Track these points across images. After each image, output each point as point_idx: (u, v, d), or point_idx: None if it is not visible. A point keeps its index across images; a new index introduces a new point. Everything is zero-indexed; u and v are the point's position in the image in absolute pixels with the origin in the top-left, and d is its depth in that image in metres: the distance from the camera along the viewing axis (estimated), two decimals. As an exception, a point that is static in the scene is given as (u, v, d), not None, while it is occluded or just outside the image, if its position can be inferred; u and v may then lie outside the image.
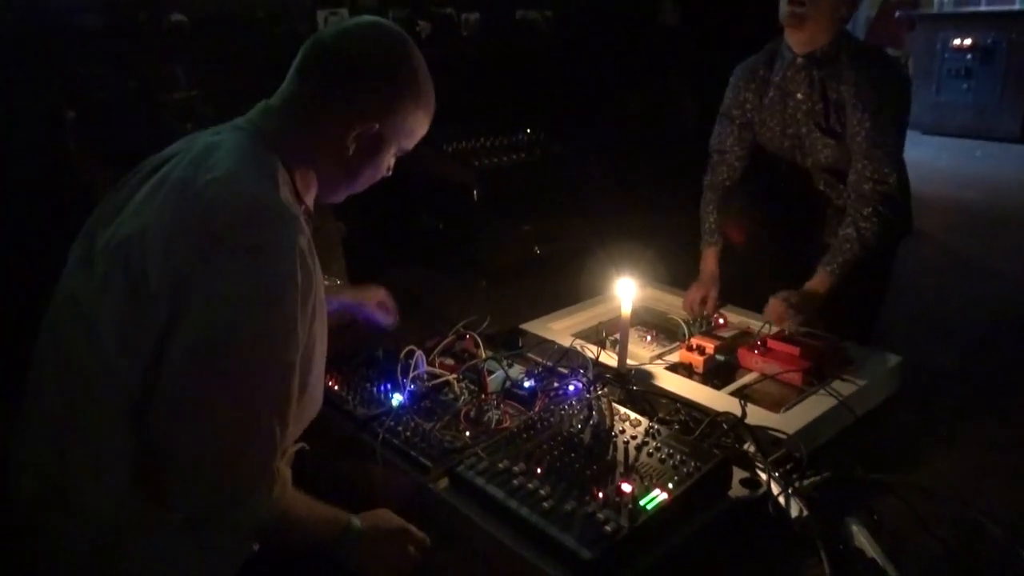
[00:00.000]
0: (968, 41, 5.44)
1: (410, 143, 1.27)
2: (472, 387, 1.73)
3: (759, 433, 1.56)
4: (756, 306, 2.24)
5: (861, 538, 1.38)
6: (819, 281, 2.13)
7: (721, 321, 2.21)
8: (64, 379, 1.07)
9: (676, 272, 2.55)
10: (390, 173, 1.30)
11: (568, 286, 2.58)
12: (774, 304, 2.14)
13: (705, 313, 2.25)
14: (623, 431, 1.46)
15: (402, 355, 1.75)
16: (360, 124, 1.17)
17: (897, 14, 6.15)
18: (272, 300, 1.01)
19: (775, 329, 2.05)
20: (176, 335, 0.99)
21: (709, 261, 2.36)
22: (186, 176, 1.06)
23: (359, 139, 1.18)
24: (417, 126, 1.25)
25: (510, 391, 1.70)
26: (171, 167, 1.10)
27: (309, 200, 1.21)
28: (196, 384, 0.98)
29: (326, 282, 1.40)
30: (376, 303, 1.81)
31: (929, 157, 4.74)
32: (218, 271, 0.98)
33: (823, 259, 2.14)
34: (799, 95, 2.18)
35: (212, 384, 0.99)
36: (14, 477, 1.10)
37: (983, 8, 5.88)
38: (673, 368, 1.94)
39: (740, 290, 2.29)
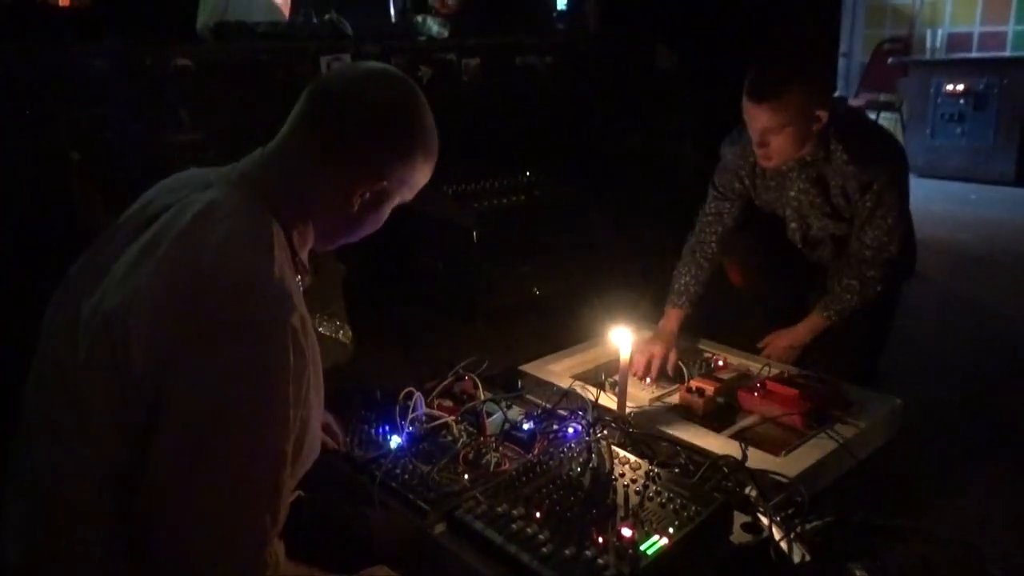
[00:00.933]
0: (961, 86, 5.53)
1: (413, 194, 1.22)
2: (471, 429, 1.72)
3: (760, 477, 1.55)
4: (756, 349, 2.24)
5: (865, 584, 1.36)
6: (812, 324, 2.14)
7: (720, 363, 2.21)
8: (51, 449, 1.03)
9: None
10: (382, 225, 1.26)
11: (567, 327, 2.58)
12: (774, 343, 2.16)
13: (650, 379, 2.12)
14: (623, 474, 1.45)
15: (400, 397, 1.74)
16: (367, 179, 1.13)
17: (890, 60, 6.26)
18: (262, 384, 0.96)
19: (775, 371, 2.05)
20: (163, 419, 0.94)
21: (671, 321, 2.26)
22: (177, 245, 1.01)
23: (364, 195, 1.14)
24: (422, 178, 1.21)
25: (509, 433, 1.69)
26: (161, 228, 1.04)
27: (304, 253, 1.17)
28: (183, 473, 0.94)
29: None
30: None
31: (924, 200, 4.78)
32: (204, 353, 0.94)
33: (821, 301, 2.15)
34: (792, 192, 2.19)
35: (200, 473, 0.94)
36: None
37: (975, 55, 5.99)
38: (673, 410, 1.93)
39: (740, 333, 2.30)
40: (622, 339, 1.84)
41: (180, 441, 0.94)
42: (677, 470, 1.59)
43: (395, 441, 1.65)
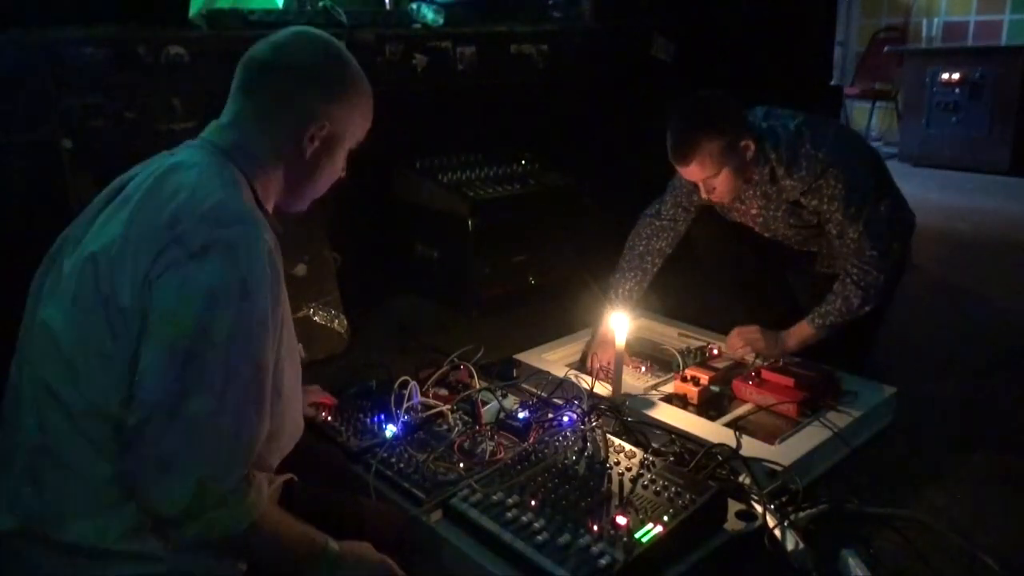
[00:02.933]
0: (956, 76, 5.53)
1: (360, 134, 1.31)
2: (466, 418, 1.72)
3: (754, 465, 1.56)
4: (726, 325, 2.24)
5: (858, 571, 1.37)
6: (799, 330, 2.09)
7: (715, 352, 2.21)
8: (42, 411, 1.06)
9: (670, 302, 2.56)
10: (344, 174, 1.33)
11: (563, 316, 2.59)
12: (734, 336, 2.14)
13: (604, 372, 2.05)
14: (618, 463, 1.46)
15: (396, 386, 1.75)
16: (311, 126, 1.21)
17: (886, 49, 6.25)
18: (243, 295, 1.01)
19: (770, 360, 2.06)
20: (150, 338, 0.99)
21: (606, 327, 2.17)
22: (150, 191, 1.08)
23: (312, 140, 1.22)
24: (363, 118, 1.29)
25: (504, 422, 1.69)
26: (133, 188, 1.12)
27: (270, 206, 1.24)
28: (171, 383, 0.98)
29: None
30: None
31: (920, 189, 4.79)
32: (186, 271, 1.00)
33: (813, 310, 2.09)
34: (754, 211, 2.19)
35: (187, 382, 0.98)
36: None
37: (970, 44, 5.98)
38: (667, 399, 1.94)
39: (731, 320, 2.30)
40: (619, 323, 1.84)
41: (165, 353, 0.99)
42: (672, 458, 1.59)
43: (390, 430, 1.65)
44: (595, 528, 1.25)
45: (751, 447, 1.63)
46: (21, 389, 1.10)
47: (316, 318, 2.50)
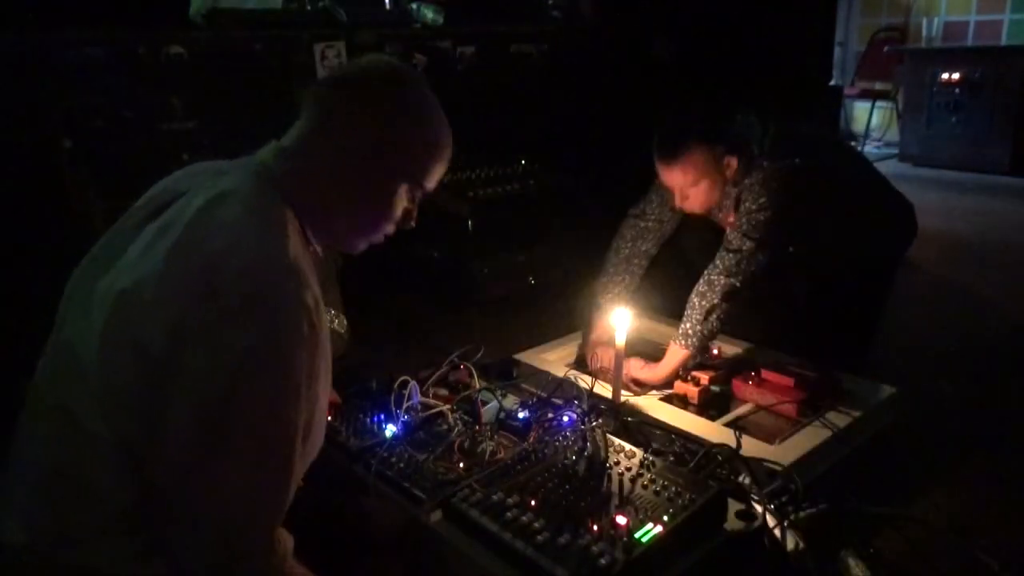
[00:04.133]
0: (956, 75, 5.53)
1: (425, 180, 1.23)
2: (466, 418, 1.72)
3: (754, 465, 1.56)
4: (748, 336, 2.25)
5: (857, 572, 1.37)
6: (674, 357, 2.03)
7: (715, 352, 2.21)
8: (64, 433, 1.05)
9: (670, 302, 2.56)
10: (413, 223, 1.27)
11: (562, 316, 2.59)
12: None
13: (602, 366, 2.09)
14: (618, 463, 1.46)
15: (396, 385, 1.74)
16: (373, 160, 1.15)
17: (886, 49, 6.25)
18: (278, 360, 0.97)
19: (769, 360, 2.05)
20: (179, 395, 0.96)
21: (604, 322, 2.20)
22: (191, 226, 1.03)
23: (371, 176, 1.16)
24: (430, 163, 1.22)
25: (504, 422, 1.69)
26: (176, 213, 1.07)
27: (319, 242, 1.18)
28: (198, 445, 0.96)
29: None
30: None
31: (920, 189, 4.79)
32: (221, 332, 0.95)
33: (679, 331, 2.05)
34: (732, 219, 2.15)
35: (216, 445, 0.96)
36: None
37: (970, 44, 5.98)
38: (667, 399, 1.94)
39: (731, 321, 2.30)
40: (620, 321, 1.84)
41: (196, 416, 0.96)
42: (671, 458, 1.59)
43: (390, 430, 1.65)
44: (595, 528, 1.25)
45: (751, 447, 1.63)
46: (42, 400, 1.09)
47: (316, 318, 2.50)
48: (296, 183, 1.12)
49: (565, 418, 1.68)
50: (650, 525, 1.26)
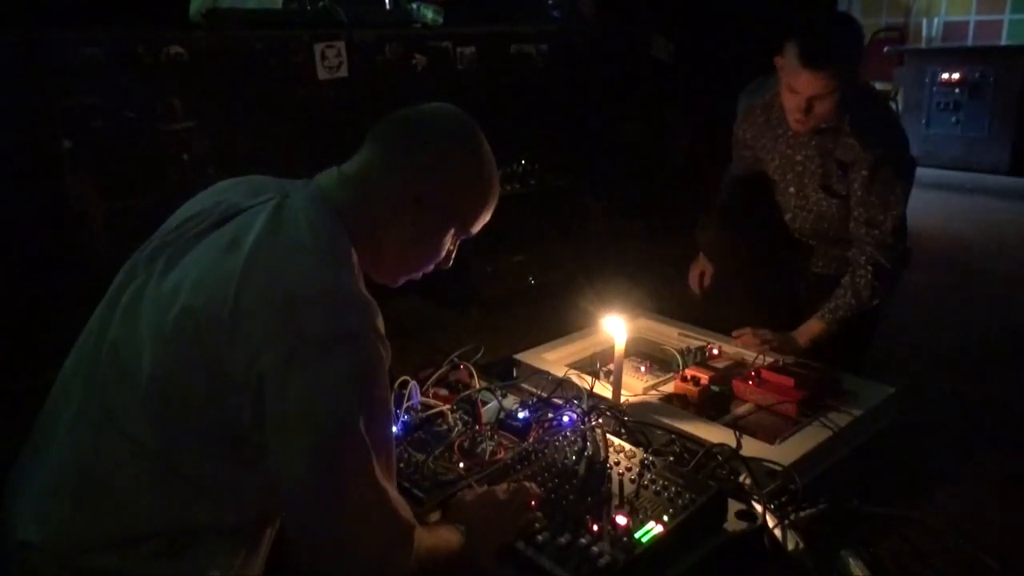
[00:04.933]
0: (956, 75, 5.53)
1: (473, 227, 1.31)
2: (466, 418, 1.72)
3: (754, 465, 1.56)
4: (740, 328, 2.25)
5: (858, 572, 1.37)
6: (809, 327, 2.13)
7: (715, 352, 2.21)
8: (103, 437, 1.06)
9: (670, 302, 2.56)
10: (451, 263, 1.34)
11: (562, 316, 2.58)
12: (748, 334, 2.15)
13: (704, 287, 2.41)
14: (618, 463, 1.46)
15: (396, 385, 1.74)
16: (439, 220, 1.23)
17: (886, 49, 6.25)
18: (370, 383, 1.04)
19: (769, 360, 2.06)
20: (282, 437, 1.01)
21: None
22: (262, 248, 1.06)
23: (427, 219, 1.22)
24: (481, 211, 1.29)
25: (504, 422, 1.69)
26: (240, 230, 1.09)
27: (366, 271, 1.21)
28: (324, 477, 1.01)
29: None
30: None
31: (920, 189, 4.78)
32: (315, 369, 0.99)
33: (823, 307, 2.13)
34: (798, 157, 2.19)
35: (339, 475, 1.01)
36: (6, 520, 1.08)
37: (970, 43, 5.98)
38: (667, 399, 1.94)
39: (733, 322, 2.30)
40: (616, 327, 1.84)
41: (311, 455, 1.00)
42: (672, 458, 1.59)
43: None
44: (595, 528, 1.25)
45: (751, 447, 1.63)
46: (75, 400, 1.09)
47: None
48: (355, 214, 1.16)
49: (565, 418, 1.68)
50: (650, 525, 1.26)
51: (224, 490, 1.08)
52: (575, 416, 1.68)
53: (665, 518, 1.27)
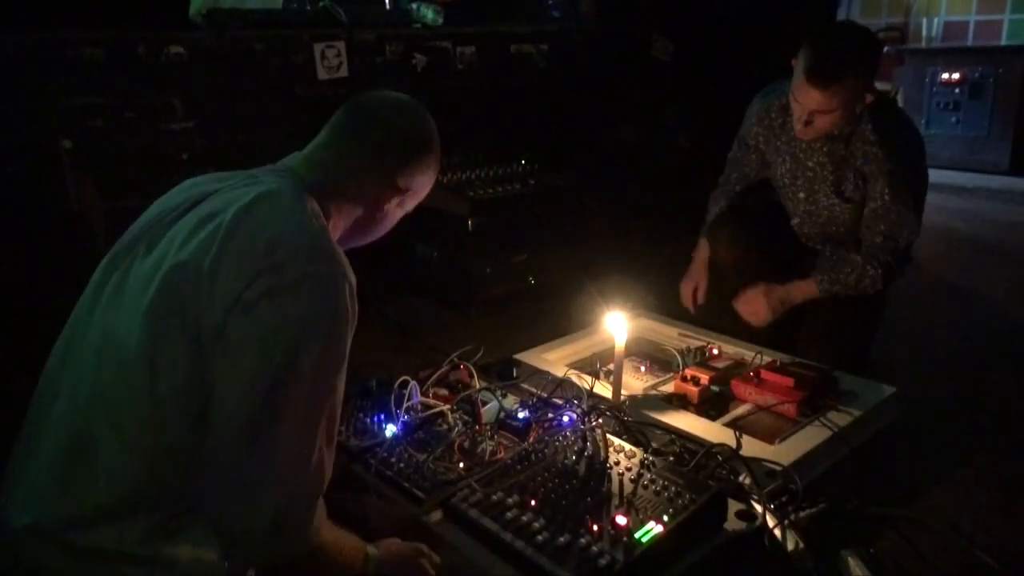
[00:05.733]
0: (956, 75, 5.53)
1: (425, 194, 1.40)
2: (466, 418, 1.72)
3: (754, 465, 1.56)
4: (749, 337, 2.25)
5: (857, 571, 1.37)
6: (804, 288, 2.17)
7: (715, 352, 2.21)
8: (92, 414, 1.06)
9: (670, 303, 2.56)
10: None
11: (562, 316, 2.58)
12: (753, 298, 2.19)
13: (698, 303, 2.34)
14: (618, 463, 1.46)
15: (396, 385, 1.74)
16: (393, 190, 1.30)
17: (886, 49, 6.25)
18: (332, 332, 1.07)
19: (768, 360, 2.06)
20: (231, 364, 1.02)
21: (705, 250, 2.41)
22: (243, 212, 1.10)
23: (391, 196, 1.31)
24: (430, 183, 1.39)
25: (504, 422, 1.69)
26: (219, 205, 1.14)
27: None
28: (254, 411, 1.02)
29: None
30: None
31: (920, 189, 4.79)
32: (280, 303, 1.03)
33: (819, 268, 2.16)
34: (810, 163, 2.19)
35: (271, 411, 1.02)
36: (3, 517, 1.08)
37: (971, 43, 5.98)
38: (667, 399, 1.94)
39: (733, 322, 2.30)
40: (616, 327, 1.84)
41: (251, 385, 1.02)
42: (671, 458, 1.59)
43: (391, 430, 1.65)
44: (595, 528, 1.25)
45: (751, 447, 1.63)
46: (65, 388, 1.11)
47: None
48: (322, 193, 1.23)
49: (565, 418, 1.68)
50: (650, 525, 1.26)
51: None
52: (575, 416, 1.68)
53: (665, 518, 1.27)
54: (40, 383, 1.15)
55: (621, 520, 1.26)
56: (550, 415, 1.72)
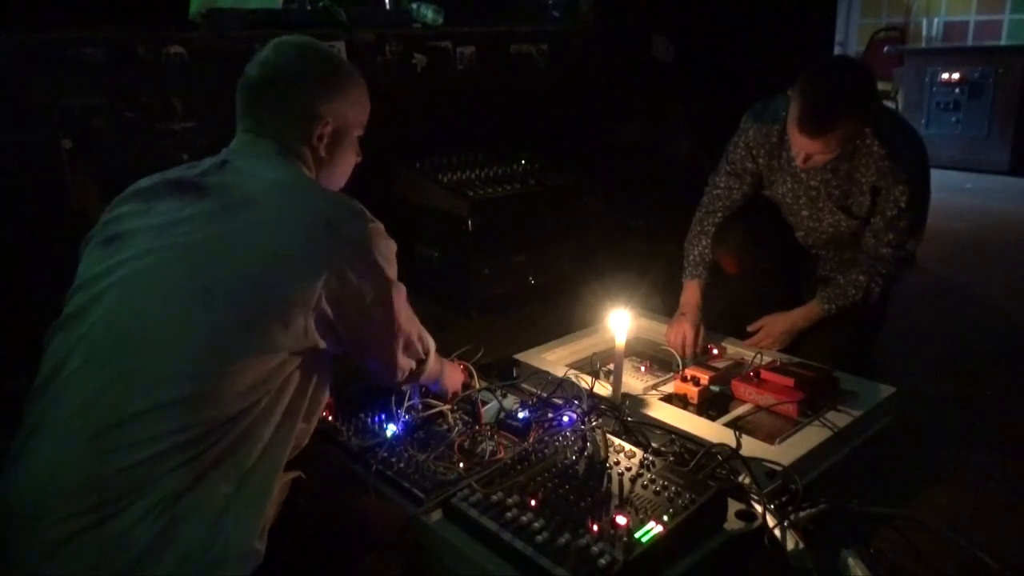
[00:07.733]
0: (956, 75, 5.54)
1: (363, 119, 1.44)
2: (466, 418, 1.72)
3: (754, 465, 1.56)
4: (748, 336, 2.25)
5: (857, 571, 1.37)
6: (810, 312, 2.16)
7: (715, 352, 2.21)
8: (109, 386, 1.07)
9: (670, 302, 2.56)
10: (360, 157, 1.47)
11: (562, 316, 2.59)
12: (770, 327, 2.16)
13: (692, 353, 2.19)
14: (618, 463, 1.46)
15: (396, 385, 1.74)
16: (316, 126, 1.34)
17: (886, 49, 6.25)
18: (393, 253, 1.32)
19: (768, 359, 2.06)
20: (344, 299, 1.21)
21: (692, 293, 2.31)
22: (281, 201, 1.22)
23: (321, 139, 1.35)
24: (360, 105, 1.42)
25: (504, 422, 1.69)
26: (210, 183, 1.23)
27: None
28: (385, 317, 1.33)
29: None
30: None
31: (920, 189, 4.79)
32: (369, 259, 1.24)
33: (823, 292, 2.16)
34: (813, 183, 2.17)
35: (394, 313, 1.35)
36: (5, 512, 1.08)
37: (970, 43, 5.98)
38: (667, 399, 1.94)
39: (733, 322, 2.30)
40: (619, 323, 1.84)
41: (373, 304, 1.27)
42: (671, 458, 1.59)
43: (391, 430, 1.65)
44: (595, 528, 1.25)
45: (751, 447, 1.63)
46: (74, 359, 1.11)
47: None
48: (303, 156, 1.34)
49: (565, 418, 1.68)
50: (650, 525, 1.26)
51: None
52: (575, 416, 1.68)
53: (665, 518, 1.27)
54: (46, 374, 1.13)
55: (621, 520, 1.26)
56: (550, 415, 1.72)
